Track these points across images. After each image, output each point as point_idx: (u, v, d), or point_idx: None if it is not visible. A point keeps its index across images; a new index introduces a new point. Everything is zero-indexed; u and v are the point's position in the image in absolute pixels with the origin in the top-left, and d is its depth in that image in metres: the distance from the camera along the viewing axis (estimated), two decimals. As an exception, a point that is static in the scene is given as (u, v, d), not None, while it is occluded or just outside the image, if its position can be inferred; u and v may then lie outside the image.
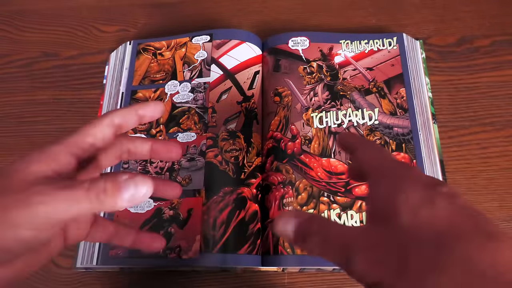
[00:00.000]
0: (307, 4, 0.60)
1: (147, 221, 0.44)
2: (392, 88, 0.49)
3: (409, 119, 0.47)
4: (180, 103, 0.49)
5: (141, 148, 0.31)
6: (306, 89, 0.49)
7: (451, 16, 0.57)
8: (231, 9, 0.61)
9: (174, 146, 0.32)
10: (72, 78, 0.57)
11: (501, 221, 0.46)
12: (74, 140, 0.26)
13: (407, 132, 0.47)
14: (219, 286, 0.45)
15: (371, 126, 0.47)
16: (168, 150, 0.32)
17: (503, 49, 0.54)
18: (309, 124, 0.48)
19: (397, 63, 0.51)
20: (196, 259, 0.41)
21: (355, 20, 0.58)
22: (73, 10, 0.62)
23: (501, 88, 0.52)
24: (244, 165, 0.46)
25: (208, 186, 0.44)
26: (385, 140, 0.46)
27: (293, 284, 0.44)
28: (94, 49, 0.59)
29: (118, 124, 0.28)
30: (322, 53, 0.51)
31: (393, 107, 0.48)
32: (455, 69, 0.53)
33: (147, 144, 0.31)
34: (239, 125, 0.47)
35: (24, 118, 0.55)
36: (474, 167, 0.48)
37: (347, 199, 0.44)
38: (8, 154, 0.53)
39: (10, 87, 0.57)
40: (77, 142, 0.26)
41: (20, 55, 0.59)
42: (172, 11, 0.61)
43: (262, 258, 0.43)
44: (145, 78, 0.52)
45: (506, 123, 0.50)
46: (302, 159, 0.46)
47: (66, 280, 0.46)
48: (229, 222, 0.43)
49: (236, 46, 0.51)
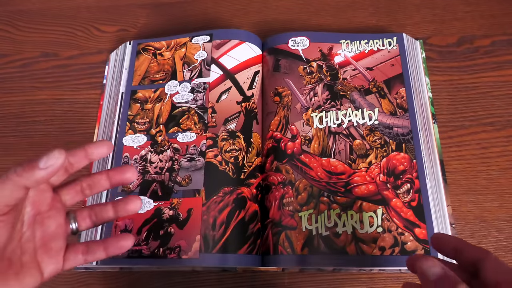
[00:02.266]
0: (307, 4, 0.60)
1: (147, 221, 0.44)
2: (392, 88, 0.49)
3: (409, 119, 0.47)
4: (180, 103, 0.49)
5: (98, 178, 0.35)
6: (306, 89, 0.49)
7: (451, 16, 0.57)
8: (231, 9, 0.61)
9: (128, 168, 0.35)
10: (72, 78, 0.57)
11: (501, 221, 0.46)
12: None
13: (407, 132, 0.47)
14: (219, 286, 0.45)
15: (371, 126, 0.47)
16: (122, 171, 0.34)
17: (503, 49, 0.54)
18: (309, 124, 0.48)
19: (397, 63, 0.51)
20: (196, 259, 0.41)
21: (355, 20, 0.58)
22: (73, 10, 0.62)
23: (501, 88, 0.52)
24: (244, 165, 0.46)
25: (208, 186, 0.44)
26: (385, 140, 0.46)
27: (293, 284, 0.44)
28: (94, 49, 0.59)
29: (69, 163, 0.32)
30: (322, 53, 0.51)
31: (393, 107, 0.48)
32: (455, 69, 0.53)
33: (103, 175, 0.35)
34: (239, 125, 0.47)
35: (24, 118, 0.55)
36: (474, 167, 0.48)
37: (347, 199, 0.44)
38: (8, 154, 0.53)
39: (10, 87, 0.57)
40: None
41: (20, 55, 0.59)
42: (172, 11, 0.61)
43: (262, 258, 0.43)
44: (145, 78, 0.52)
45: (506, 123, 0.50)
46: (302, 159, 0.46)
47: (66, 280, 0.46)
48: (229, 222, 0.43)
49: (236, 46, 0.51)
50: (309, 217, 0.43)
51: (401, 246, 0.41)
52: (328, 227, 0.43)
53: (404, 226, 0.42)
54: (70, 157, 0.32)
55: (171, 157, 0.47)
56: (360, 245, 0.42)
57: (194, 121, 0.48)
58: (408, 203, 0.43)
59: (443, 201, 0.44)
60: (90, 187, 0.34)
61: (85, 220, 0.35)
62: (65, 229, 0.33)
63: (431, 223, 0.43)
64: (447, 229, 0.43)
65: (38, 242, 0.31)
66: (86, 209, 0.35)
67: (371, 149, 0.46)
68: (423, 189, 0.44)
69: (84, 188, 0.34)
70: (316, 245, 0.42)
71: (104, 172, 0.34)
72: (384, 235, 0.42)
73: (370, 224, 0.42)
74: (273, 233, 0.43)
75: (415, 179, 0.44)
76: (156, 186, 0.46)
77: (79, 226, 0.34)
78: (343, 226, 0.43)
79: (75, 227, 0.34)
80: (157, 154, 0.47)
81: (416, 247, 0.41)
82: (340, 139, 0.47)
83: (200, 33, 0.53)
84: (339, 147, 0.46)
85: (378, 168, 0.45)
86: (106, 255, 0.34)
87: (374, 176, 0.45)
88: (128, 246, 0.34)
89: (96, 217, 0.35)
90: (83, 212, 0.35)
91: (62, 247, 0.33)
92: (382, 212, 0.43)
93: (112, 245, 0.34)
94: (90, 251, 0.34)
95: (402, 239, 0.42)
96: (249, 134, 0.47)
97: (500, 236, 0.45)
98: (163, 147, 0.48)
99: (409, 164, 0.45)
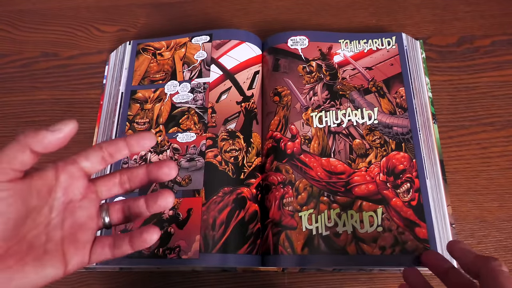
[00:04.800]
0: (307, 4, 0.60)
1: (146, 221, 0.44)
2: (391, 87, 0.49)
3: (408, 118, 0.47)
4: (180, 103, 0.49)
5: (137, 171, 0.33)
6: (306, 89, 0.49)
7: (451, 16, 0.57)
8: (231, 9, 0.61)
9: (168, 163, 0.33)
10: (72, 78, 0.57)
11: (501, 221, 0.46)
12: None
13: (407, 132, 0.47)
14: (219, 286, 0.45)
15: (370, 125, 0.47)
16: (161, 167, 0.32)
17: (503, 49, 0.54)
18: (309, 124, 0.48)
19: (396, 62, 0.51)
20: (195, 259, 0.41)
21: (356, 20, 0.58)
22: (73, 10, 0.62)
23: (501, 88, 0.52)
24: (243, 165, 0.46)
25: (208, 186, 0.44)
26: (384, 139, 0.46)
27: (293, 284, 0.44)
28: (94, 49, 0.59)
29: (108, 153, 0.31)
30: (321, 52, 0.51)
31: (392, 106, 0.48)
32: (455, 69, 0.53)
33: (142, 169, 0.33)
34: (238, 125, 0.47)
35: (24, 118, 0.55)
36: (474, 167, 0.48)
37: (347, 198, 0.44)
38: (8, 154, 0.53)
39: (10, 87, 0.57)
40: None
41: (20, 55, 0.59)
42: (172, 11, 0.61)
43: (262, 258, 0.43)
44: (145, 78, 0.52)
45: (506, 123, 0.50)
46: (302, 158, 0.46)
47: (66, 280, 0.46)
48: (228, 222, 0.43)
49: (235, 46, 0.51)
50: (309, 217, 0.43)
51: (401, 246, 0.41)
52: (328, 227, 0.43)
53: (404, 225, 0.42)
54: (110, 147, 0.31)
55: (171, 157, 0.47)
56: (360, 244, 0.42)
57: (194, 121, 0.48)
58: (408, 203, 0.43)
59: (443, 201, 0.44)
60: (129, 181, 0.33)
61: (118, 214, 0.33)
62: (96, 222, 0.32)
63: (431, 223, 0.42)
64: (447, 229, 0.43)
65: (67, 231, 0.30)
66: (119, 202, 0.33)
67: (371, 149, 0.46)
68: (423, 189, 0.44)
69: (123, 181, 0.33)
70: (316, 245, 0.42)
71: (144, 167, 0.33)
72: (384, 235, 0.42)
73: (370, 224, 0.42)
74: (273, 233, 0.43)
75: (414, 179, 0.44)
76: (156, 186, 0.46)
77: (111, 220, 0.33)
78: (343, 225, 0.43)
79: (107, 220, 0.32)
80: (157, 154, 0.47)
81: (416, 246, 0.41)
82: (340, 139, 0.47)
83: (200, 33, 0.53)
84: (339, 147, 0.46)
85: (378, 168, 0.45)
86: (132, 249, 0.32)
87: (374, 176, 0.45)
88: (152, 240, 0.32)
89: (129, 211, 0.33)
90: (116, 206, 0.33)
91: (90, 240, 0.31)
92: (382, 211, 0.43)
93: (137, 238, 0.32)
94: (117, 245, 0.32)
95: (402, 239, 0.42)
96: (249, 134, 0.47)
97: (500, 236, 0.45)
98: (163, 147, 0.48)
99: (409, 163, 0.45)
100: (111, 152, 0.31)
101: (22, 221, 0.28)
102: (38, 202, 0.29)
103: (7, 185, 0.27)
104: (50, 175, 0.29)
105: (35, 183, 0.28)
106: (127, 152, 0.31)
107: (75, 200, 0.31)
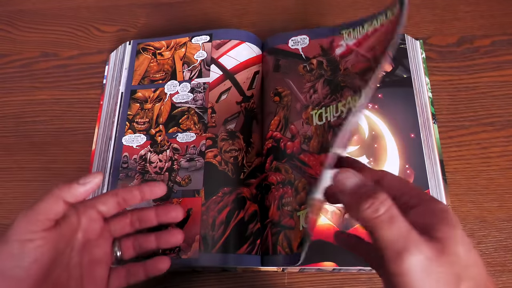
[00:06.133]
0: (307, 4, 0.60)
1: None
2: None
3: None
4: (180, 103, 0.49)
5: (147, 213, 0.37)
6: (306, 88, 0.49)
7: (451, 16, 0.57)
8: (231, 9, 0.61)
9: (173, 207, 0.38)
10: (72, 78, 0.57)
11: (501, 221, 0.46)
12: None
13: (407, 132, 0.47)
14: (219, 286, 0.45)
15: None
16: (168, 211, 0.37)
17: (503, 49, 0.54)
18: (309, 123, 0.47)
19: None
20: (195, 259, 0.41)
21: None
22: (73, 10, 0.62)
23: (501, 88, 0.52)
24: (243, 165, 0.46)
25: (208, 186, 0.44)
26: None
27: (293, 284, 0.44)
28: (94, 49, 0.59)
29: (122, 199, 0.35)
30: (323, 48, 0.51)
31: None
32: (455, 69, 0.53)
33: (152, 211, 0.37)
34: (238, 125, 0.47)
35: (24, 118, 0.55)
36: (474, 167, 0.48)
37: (346, 199, 0.44)
38: (8, 154, 0.53)
39: (10, 87, 0.57)
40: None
41: (20, 55, 0.59)
42: (172, 11, 0.61)
43: (262, 258, 0.43)
44: (145, 78, 0.52)
45: (506, 123, 0.50)
46: (302, 158, 0.46)
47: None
48: (228, 222, 0.43)
49: (235, 46, 0.51)
50: (307, 215, 0.43)
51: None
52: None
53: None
54: (125, 194, 0.34)
55: (170, 157, 0.47)
56: (359, 245, 0.42)
57: (194, 121, 0.48)
58: (408, 203, 0.43)
59: (443, 201, 0.44)
60: (139, 221, 0.36)
61: (129, 249, 0.36)
62: (110, 257, 0.35)
63: (431, 223, 0.42)
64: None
65: (85, 268, 0.33)
66: (130, 238, 0.37)
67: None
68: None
69: (133, 221, 0.36)
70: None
71: (153, 210, 0.37)
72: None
73: (370, 224, 0.42)
74: (272, 233, 0.43)
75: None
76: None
77: (123, 254, 0.36)
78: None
79: (119, 255, 0.36)
80: (157, 154, 0.47)
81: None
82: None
83: (200, 33, 0.53)
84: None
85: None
86: (146, 276, 0.36)
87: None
88: (166, 268, 0.37)
89: (139, 247, 0.37)
90: (127, 242, 0.37)
91: (106, 274, 0.34)
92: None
93: (152, 267, 0.36)
94: (132, 273, 0.36)
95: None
96: (249, 134, 0.47)
97: (500, 236, 0.45)
98: (162, 147, 0.48)
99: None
100: (126, 198, 0.34)
101: (53, 264, 0.30)
102: (64, 245, 0.32)
103: (43, 234, 0.29)
104: (74, 220, 0.32)
105: (62, 229, 0.31)
106: (140, 199, 0.35)
107: (92, 240, 0.34)
